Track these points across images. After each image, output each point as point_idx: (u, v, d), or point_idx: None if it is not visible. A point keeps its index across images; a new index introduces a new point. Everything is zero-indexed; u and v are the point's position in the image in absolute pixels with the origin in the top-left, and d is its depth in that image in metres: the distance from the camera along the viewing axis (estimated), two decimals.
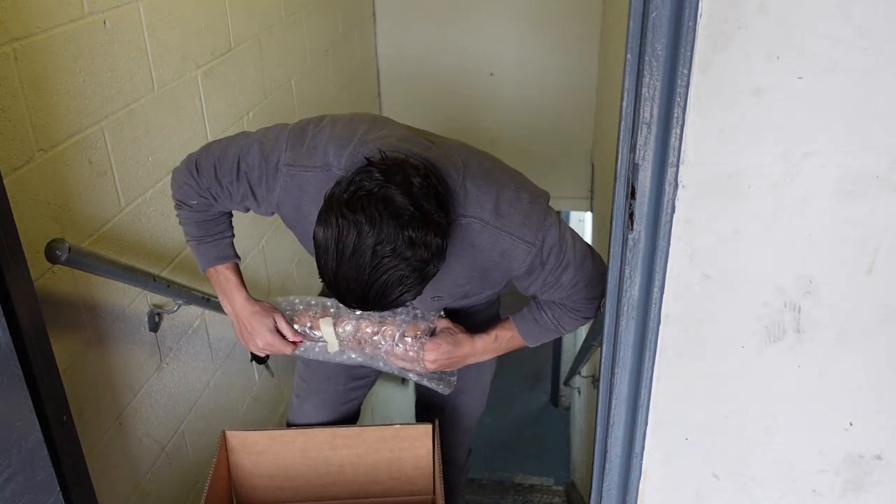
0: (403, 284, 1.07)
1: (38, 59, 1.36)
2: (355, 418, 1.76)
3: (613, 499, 1.16)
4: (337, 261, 1.05)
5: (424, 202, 1.08)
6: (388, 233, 1.03)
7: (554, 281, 1.32)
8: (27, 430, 0.99)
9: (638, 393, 1.06)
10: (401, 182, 1.07)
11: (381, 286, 1.06)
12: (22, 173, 1.33)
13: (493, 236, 1.23)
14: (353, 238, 1.03)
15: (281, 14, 2.57)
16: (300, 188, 1.28)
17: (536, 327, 1.47)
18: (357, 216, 1.03)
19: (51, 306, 1.44)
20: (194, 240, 1.47)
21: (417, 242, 1.05)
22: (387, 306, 1.10)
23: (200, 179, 1.36)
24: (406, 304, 1.16)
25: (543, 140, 4.14)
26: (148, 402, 1.78)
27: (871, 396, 1.01)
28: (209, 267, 1.48)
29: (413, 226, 1.05)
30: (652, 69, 0.85)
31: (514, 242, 1.24)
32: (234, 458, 1.57)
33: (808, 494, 1.10)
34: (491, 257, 1.26)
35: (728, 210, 0.92)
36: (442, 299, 1.41)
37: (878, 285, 0.93)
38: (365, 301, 1.08)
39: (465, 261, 1.27)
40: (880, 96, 0.83)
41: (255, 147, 1.31)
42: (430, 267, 1.09)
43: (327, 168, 1.25)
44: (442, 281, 1.30)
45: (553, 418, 6.61)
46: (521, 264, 1.26)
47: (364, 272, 1.04)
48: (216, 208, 1.43)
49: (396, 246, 1.04)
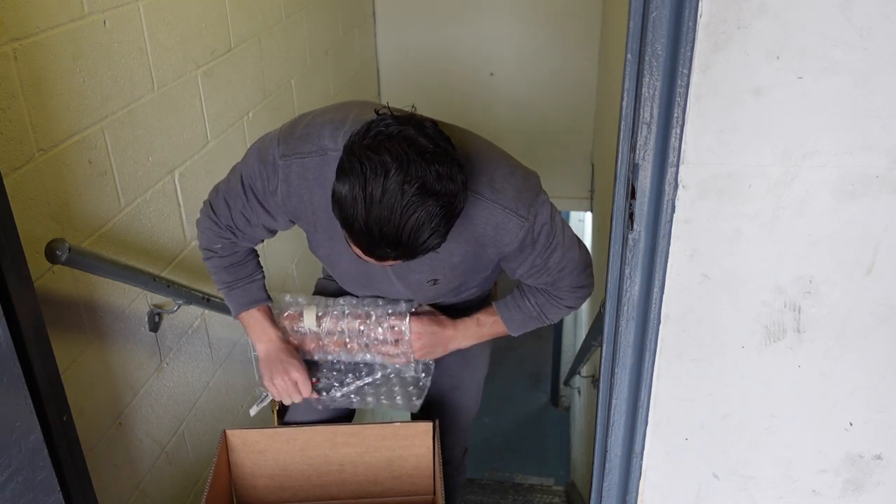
0: (434, 222, 1.06)
1: (38, 59, 1.36)
2: (349, 418, 1.76)
3: (613, 499, 1.16)
4: (366, 207, 1.04)
5: (441, 141, 1.09)
6: (415, 170, 1.03)
7: (542, 263, 1.33)
8: (27, 430, 0.99)
9: (638, 393, 1.06)
10: (416, 125, 1.08)
11: (414, 225, 1.04)
12: (22, 173, 1.33)
13: (487, 209, 1.24)
14: (381, 179, 1.02)
15: (281, 14, 2.57)
16: (300, 177, 1.28)
17: (519, 314, 1.47)
18: (382, 157, 1.03)
19: (51, 306, 1.44)
20: (225, 286, 1.49)
21: (444, 176, 1.05)
22: (418, 250, 1.09)
23: (218, 218, 1.39)
24: (434, 249, 1.14)
25: (543, 140, 4.14)
26: (148, 402, 1.78)
27: (871, 396, 1.01)
28: (242, 311, 1.50)
29: (438, 161, 1.05)
30: (652, 69, 0.85)
31: (508, 216, 1.25)
32: (235, 458, 1.57)
33: (808, 494, 1.10)
34: (485, 231, 1.26)
35: (728, 210, 0.92)
36: (438, 284, 1.41)
37: (877, 285, 0.93)
38: (398, 244, 1.06)
39: (459, 235, 1.27)
40: (880, 96, 0.83)
41: (252, 156, 1.32)
42: (458, 202, 1.09)
43: (323, 152, 1.26)
44: (438, 258, 1.31)
45: (553, 418, 6.61)
46: (513, 239, 1.27)
47: (395, 213, 1.03)
48: (240, 245, 1.45)
49: (425, 182, 1.03)
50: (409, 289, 1.45)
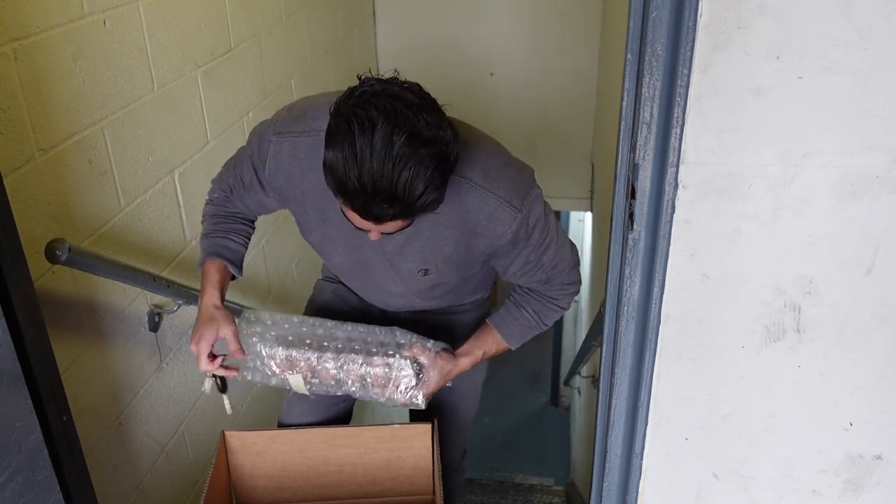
0: (428, 172, 1.05)
1: (38, 59, 1.36)
2: (347, 419, 1.75)
3: (613, 499, 1.16)
4: (358, 164, 1.03)
5: (426, 97, 1.10)
6: (403, 121, 1.03)
7: (536, 260, 1.33)
8: (27, 430, 0.99)
9: (638, 393, 1.06)
10: (399, 83, 1.09)
11: (408, 177, 1.04)
12: (22, 173, 1.33)
13: (480, 197, 1.24)
14: (369, 135, 1.02)
15: (281, 14, 2.57)
16: (291, 156, 1.30)
17: (518, 326, 1.47)
18: (369, 112, 1.03)
19: (51, 306, 1.44)
20: (203, 235, 1.48)
21: (433, 125, 1.06)
22: (416, 204, 1.07)
23: (220, 178, 1.47)
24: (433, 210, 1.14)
25: (543, 140, 4.14)
26: (148, 402, 1.78)
27: (871, 396, 1.01)
28: (203, 261, 1.46)
29: (426, 111, 1.06)
30: (652, 69, 0.85)
31: (501, 205, 1.25)
32: (234, 459, 1.57)
33: (808, 494, 1.10)
34: (478, 221, 1.26)
35: (728, 210, 0.92)
36: (429, 275, 1.39)
37: (877, 285, 0.93)
38: (394, 198, 1.05)
39: (452, 221, 1.28)
40: (880, 96, 0.83)
41: (253, 134, 1.37)
42: (450, 151, 1.09)
43: (316, 133, 1.26)
44: (429, 245, 1.31)
45: (553, 418, 6.61)
46: (506, 230, 1.27)
47: (387, 165, 1.03)
48: (233, 202, 1.46)
49: (414, 130, 1.03)
50: (402, 280, 1.43)
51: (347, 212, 1.13)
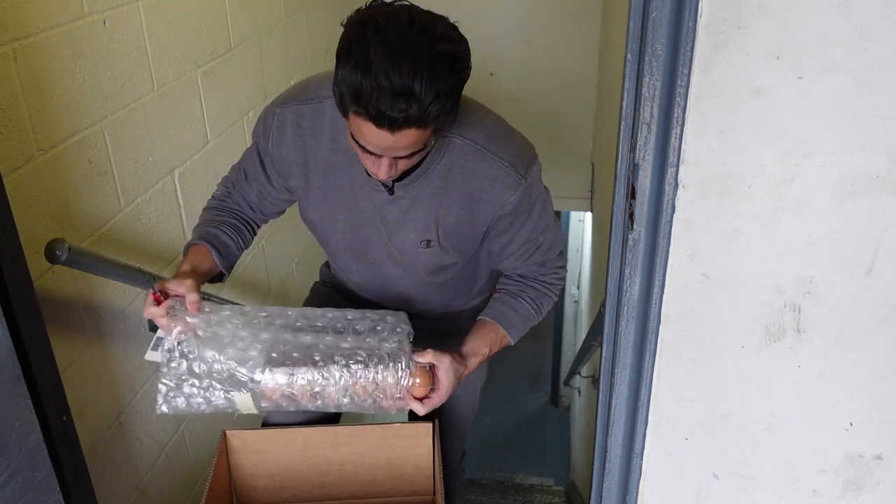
0: (444, 72, 1.03)
1: (38, 59, 1.36)
2: (336, 418, 1.74)
3: (613, 499, 1.16)
4: (374, 60, 1.00)
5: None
6: (419, 18, 1.03)
7: (536, 238, 1.35)
8: (27, 430, 0.99)
9: (638, 393, 1.06)
10: (410, 5, 1.08)
11: (425, 72, 1.01)
12: (22, 173, 1.33)
13: (486, 160, 1.26)
14: (382, 33, 1.01)
15: (281, 14, 2.57)
16: (295, 124, 1.31)
17: (518, 318, 1.43)
18: (383, 14, 1.03)
19: (51, 306, 1.44)
20: (197, 226, 1.44)
21: (449, 28, 1.06)
22: (431, 109, 1.03)
23: (224, 179, 1.50)
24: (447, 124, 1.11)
25: (543, 140, 4.11)
26: (148, 402, 1.78)
27: (871, 396, 1.01)
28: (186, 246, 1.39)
29: (440, 20, 1.06)
30: (652, 69, 0.85)
31: (506, 170, 1.26)
32: (235, 458, 1.57)
33: (808, 494, 1.10)
34: (482, 186, 1.27)
35: (728, 210, 0.92)
36: (431, 248, 1.36)
37: (877, 285, 0.93)
38: (411, 96, 1.02)
39: (455, 189, 1.28)
40: (880, 96, 0.83)
41: (260, 117, 1.40)
42: (465, 63, 1.07)
43: (320, 100, 1.29)
44: (431, 213, 1.31)
45: (553, 418, 6.61)
46: (510, 196, 1.27)
47: (404, 58, 1.00)
48: (233, 197, 1.46)
49: (431, 27, 1.03)
50: (402, 257, 1.40)
51: (360, 132, 1.09)
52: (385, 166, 1.15)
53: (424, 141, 1.13)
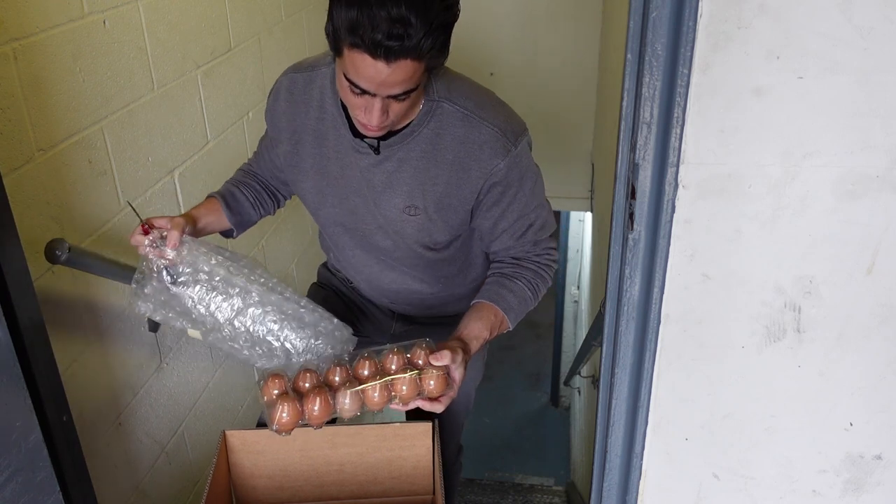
0: (435, 1, 1.05)
1: (37, 59, 1.36)
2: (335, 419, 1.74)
3: (613, 499, 1.16)
4: None
5: None
6: None
7: (528, 215, 1.35)
8: (27, 430, 0.99)
9: (638, 393, 1.06)
10: None
11: (420, 1, 1.03)
12: (22, 173, 1.33)
13: (475, 125, 1.27)
14: None
15: (281, 14, 2.57)
16: (288, 92, 1.38)
17: (516, 300, 1.39)
18: None
19: (51, 306, 1.44)
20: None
21: None
22: (424, 41, 1.06)
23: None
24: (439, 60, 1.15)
25: (543, 140, 4.12)
26: (148, 402, 1.78)
27: (871, 396, 1.01)
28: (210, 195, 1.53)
29: None
30: (652, 69, 0.85)
31: (496, 135, 1.27)
32: (234, 458, 1.57)
33: (808, 494, 1.10)
34: (471, 151, 1.28)
35: (728, 210, 0.92)
36: (416, 215, 1.35)
37: (877, 285, 0.93)
38: (407, 23, 1.04)
39: (443, 156, 1.28)
40: (880, 96, 0.83)
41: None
42: (456, 6, 1.11)
43: (314, 69, 1.36)
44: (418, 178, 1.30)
45: (553, 418, 6.61)
46: (499, 163, 1.28)
47: None
48: (256, 163, 1.58)
49: None
50: (389, 225, 1.39)
51: (355, 68, 1.10)
52: (377, 109, 1.15)
53: (417, 79, 1.14)
